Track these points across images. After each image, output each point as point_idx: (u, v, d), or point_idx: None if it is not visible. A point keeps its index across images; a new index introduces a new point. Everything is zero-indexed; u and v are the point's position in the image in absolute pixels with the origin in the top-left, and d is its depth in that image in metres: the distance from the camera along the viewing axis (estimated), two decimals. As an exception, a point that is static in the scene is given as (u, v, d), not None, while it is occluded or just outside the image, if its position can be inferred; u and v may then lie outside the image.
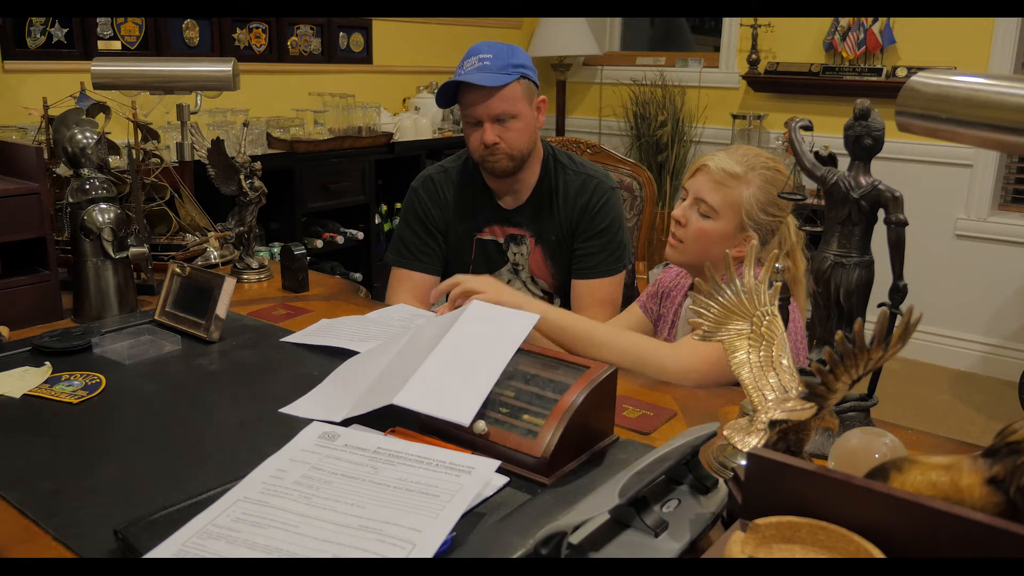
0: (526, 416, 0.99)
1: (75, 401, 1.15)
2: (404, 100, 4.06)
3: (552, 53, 4.45)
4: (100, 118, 1.71)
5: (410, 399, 1.01)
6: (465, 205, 1.87)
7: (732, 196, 1.48)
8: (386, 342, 1.27)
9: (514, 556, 0.79)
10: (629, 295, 1.96)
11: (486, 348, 1.08)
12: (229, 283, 1.40)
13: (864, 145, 1.01)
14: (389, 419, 1.03)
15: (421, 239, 1.86)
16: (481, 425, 0.99)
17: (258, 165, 1.77)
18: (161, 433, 1.07)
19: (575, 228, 1.82)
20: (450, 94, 1.76)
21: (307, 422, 1.00)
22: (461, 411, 0.98)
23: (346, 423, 1.02)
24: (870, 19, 3.75)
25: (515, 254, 1.87)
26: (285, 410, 1.13)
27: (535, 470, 0.95)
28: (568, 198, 1.82)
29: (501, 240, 1.87)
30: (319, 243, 3.39)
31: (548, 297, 1.90)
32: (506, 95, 1.71)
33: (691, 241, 1.52)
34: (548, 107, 1.89)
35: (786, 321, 1.04)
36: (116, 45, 2.94)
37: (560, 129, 4.73)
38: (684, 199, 1.54)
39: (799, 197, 1.25)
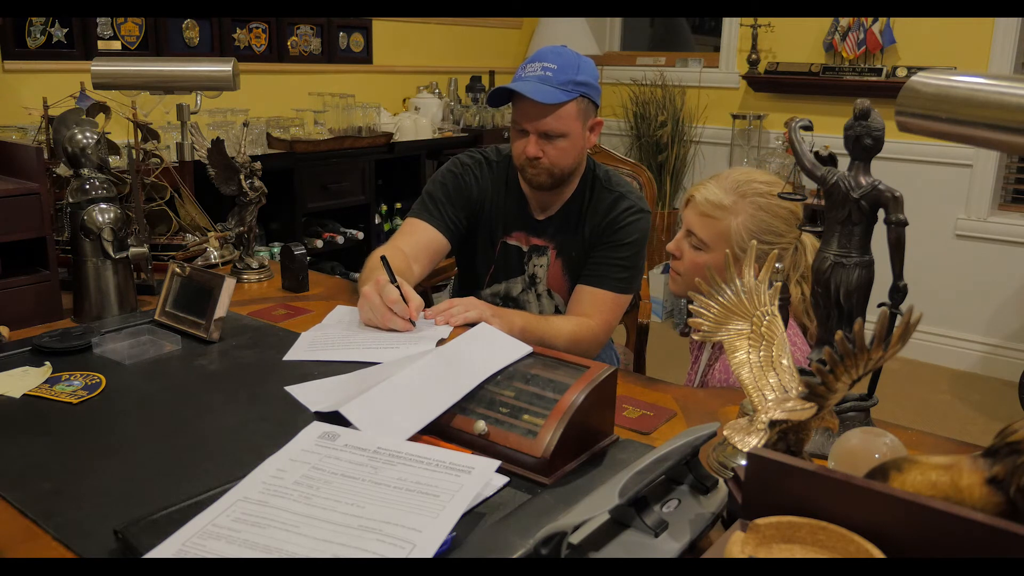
0: (526, 416, 0.99)
1: (75, 401, 1.14)
2: (404, 100, 4.06)
3: (552, 53, 4.44)
4: (100, 118, 1.71)
5: (352, 412, 1.02)
6: (499, 204, 1.82)
7: (720, 227, 1.43)
8: (413, 356, 1.25)
9: (514, 556, 0.79)
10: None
11: (463, 370, 1.08)
12: (229, 283, 1.40)
13: (864, 145, 1.01)
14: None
15: (451, 201, 1.77)
16: (481, 425, 0.99)
17: (258, 165, 1.77)
18: (161, 433, 1.07)
19: (597, 240, 1.75)
20: (504, 94, 1.66)
21: (307, 422, 1.00)
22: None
23: (346, 423, 1.02)
24: (870, 19, 3.75)
25: (536, 266, 1.82)
26: (290, 389, 1.18)
27: (535, 470, 0.95)
28: (597, 214, 1.75)
29: (525, 248, 1.82)
30: (319, 243, 3.39)
31: (559, 314, 1.83)
32: (559, 114, 1.62)
33: (687, 273, 1.50)
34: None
35: (786, 322, 1.04)
36: (116, 45, 2.94)
37: (560, 129, 4.73)
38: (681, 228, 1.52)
39: (799, 197, 1.25)
